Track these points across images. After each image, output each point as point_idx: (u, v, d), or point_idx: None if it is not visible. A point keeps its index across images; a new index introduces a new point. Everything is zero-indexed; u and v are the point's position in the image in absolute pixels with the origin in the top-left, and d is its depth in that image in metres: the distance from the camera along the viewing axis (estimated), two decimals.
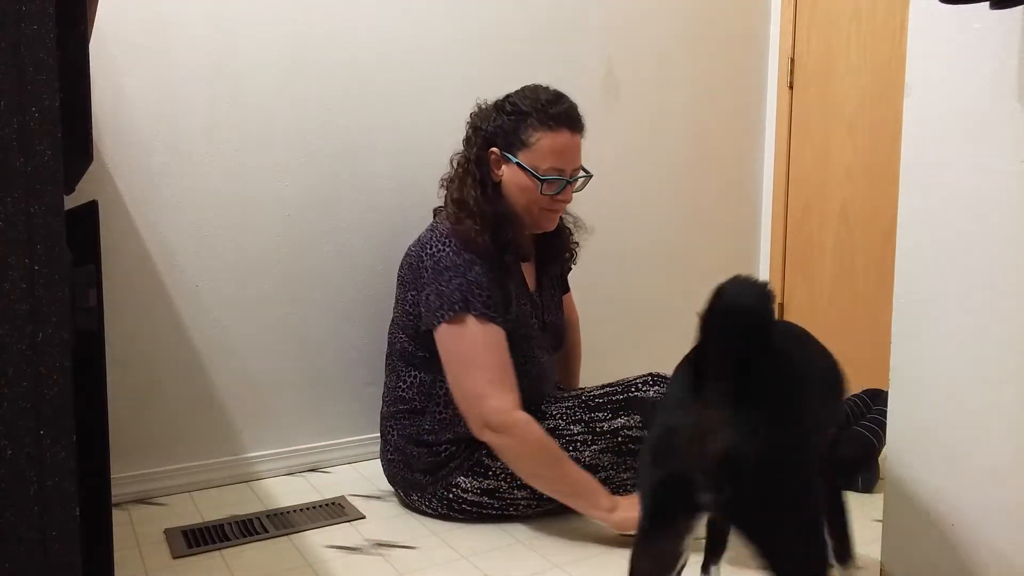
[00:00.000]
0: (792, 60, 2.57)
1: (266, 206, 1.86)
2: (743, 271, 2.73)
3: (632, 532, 1.48)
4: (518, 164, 1.59)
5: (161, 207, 1.75)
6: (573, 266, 1.90)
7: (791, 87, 2.58)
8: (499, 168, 1.63)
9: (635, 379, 1.69)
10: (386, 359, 1.75)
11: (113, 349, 1.71)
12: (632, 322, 2.45)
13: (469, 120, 1.69)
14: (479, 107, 1.69)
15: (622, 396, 1.65)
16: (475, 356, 1.52)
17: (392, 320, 1.73)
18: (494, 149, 1.63)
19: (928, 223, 1.24)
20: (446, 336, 1.54)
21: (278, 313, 1.89)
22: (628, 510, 1.48)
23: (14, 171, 0.65)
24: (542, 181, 1.58)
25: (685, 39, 2.46)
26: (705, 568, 1.30)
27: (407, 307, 1.65)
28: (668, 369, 1.79)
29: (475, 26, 2.09)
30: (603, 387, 1.69)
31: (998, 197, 1.14)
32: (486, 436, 1.53)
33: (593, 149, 2.32)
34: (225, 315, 1.84)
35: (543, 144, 1.58)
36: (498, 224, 1.59)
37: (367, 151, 1.95)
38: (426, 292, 1.58)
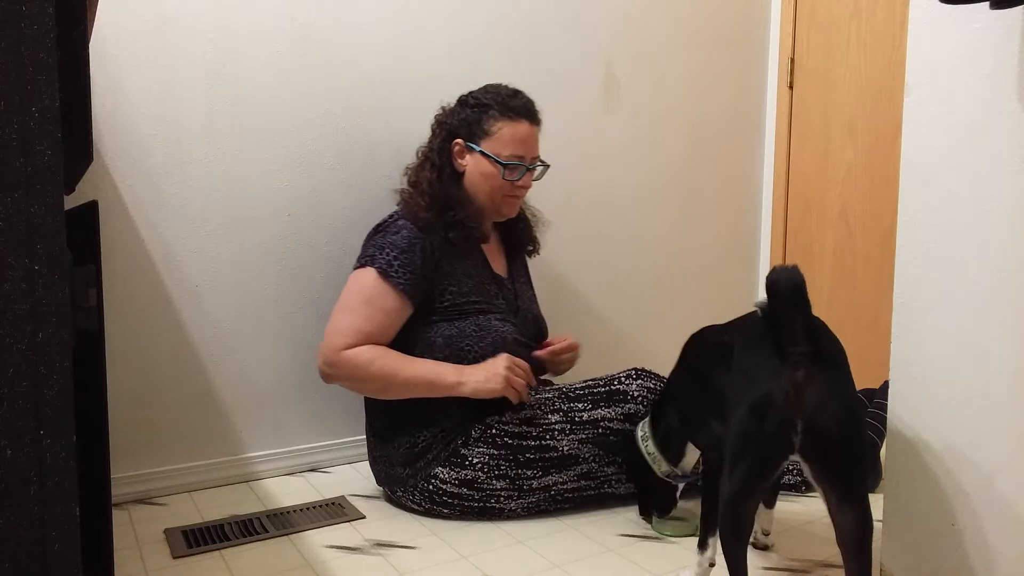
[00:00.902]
0: (792, 60, 2.57)
1: (266, 206, 1.86)
2: (743, 271, 2.75)
3: (492, 389, 1.55)
4: (481, 152, 1.69)
5: (161, 207, 1.75)
6: (536, 255, 1.96)
7: (791, 87, 2.58)
8: (463, 158, 1.72)
9: (618, 374, 1.71)
10: None
11: (113, 349, 1.71)
12: (632, 322, 2.45)
13: (434, 119, 1.78)
14: (443, 108, 1.78)
15: (604, 389, 1.68)
16: (354, 304, 1.61)
17: None
18: (459, 140, 1.72)
19: (928, 223, 1.24)
20: (348, 282, 1.66)
21: (278, 313, 1.89)
22: (475, 374, 1.56)
23: (14, 171, 0.65)
24: (504, 166, 1.68)
25: (685, 39, 2.46)
26: (703, 543, 1.31)
27: None
28: (666, 367, 1.80)
29: (475, 26, 2.09)
30: (585, 381, 1.71)
31: (998, 197, 1.14)
32: (319, 366, 1.62)
33: (593, 149, 2.33)
34: (225, 315, 1.84)
35: (504, 133, 1.68)
36: (446, 204, 1.68)
37: (367, 151, 1.95)
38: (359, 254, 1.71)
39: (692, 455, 1.49)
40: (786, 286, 1.04)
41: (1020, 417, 1.14)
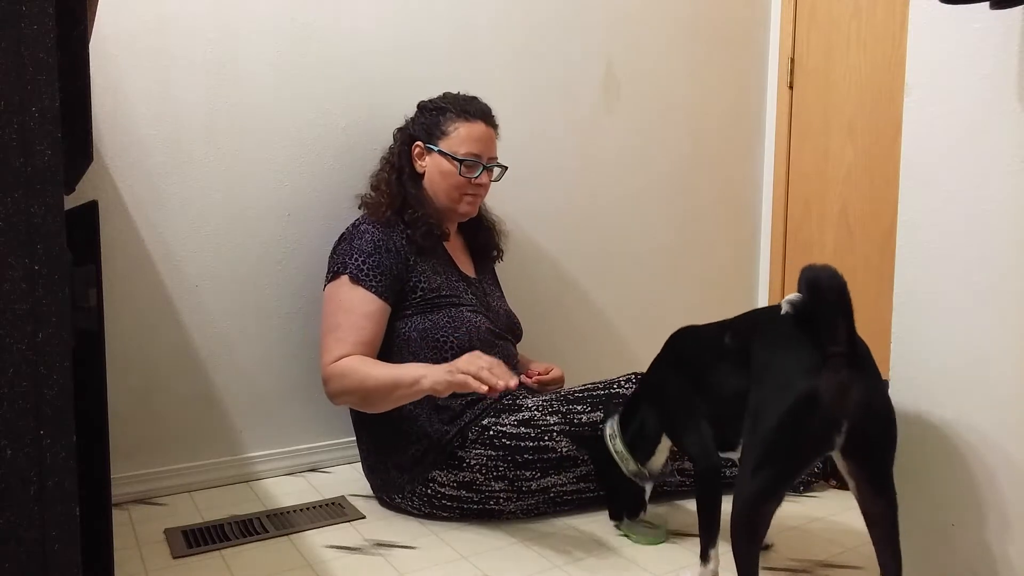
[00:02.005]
0: (792, 60, 2.56)
1: (266, 206, 1.86)
2: (743, 271, 2.75)
3: (450, 382, 1.43)
4: (439, 151, 1.75)
5: (161, 207, 1.75)
6: (500, 262, 1.99)
7: (791, 87, 2.58)
8: (423, 160, 1.78)
9: (617, 378, 1.72)
10: None
11: (113, 349, 1.71)
12: (632, 323, 2.45)
13: (395, 130, 1.85)
14: (405, 119, 1.85)
15: (603, 392, 1.68)
16: (335, 317, 1.64)
17: None
18: (418, 143, 1.78)
19: (928, 223, 1.24)
20: (325, 296, 1.69)
21: (278, 313, 1.89)
22: (435, 369, 1.49)
23: (14, 171, 0.65)
24: (460, 162, 1.73)
25: (685, 39, 2.46)
26: (704, 555, 1.30)
27: None
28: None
29: (475, 26, 2.09)
30: (584, 385, 1.71)
31: (998, 197, 1.14)
32: (326, 393, 1.63)
33: (593, 149, 2.33)
34: (225, 315, 1.84)
35: (460, 132, 1.74)
36: (405, 202, 1.74)
37: (367, 151, 1.95)
38: (328, 267, 1.73)
39: (660, 455, 1.47)
40: (829, 287, 1.05)
41: (1020, 417, 1.14)
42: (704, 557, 1.30)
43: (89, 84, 0.91)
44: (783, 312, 1.15)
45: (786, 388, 1.08)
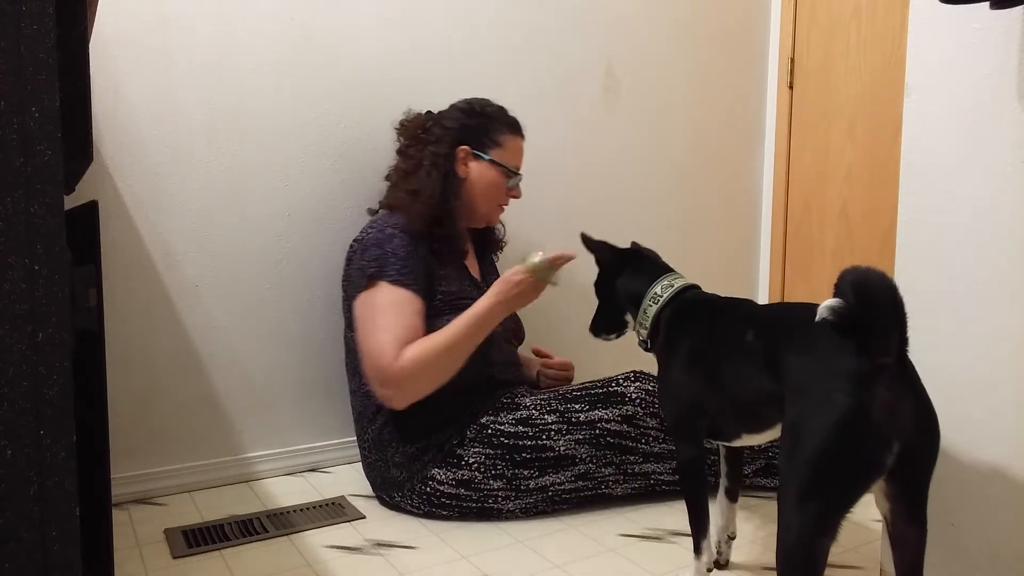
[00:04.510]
0: (792, 60, 2.56)
1: (266, 206, 1.86)
2: (743, 271, 2.74)
3: (521, 293, 1.56)
4: (491, 161, 1.74)
5: (161, 207, 1.75)
6: (499, 253, 2.00)
7: (791, 87, 2.58)
8: (467, 164, 1.74)
9: (616, 376, 1.72)
10: (345, 363, 1.78)
11: (113, 349, 1.71)
12: None
13: (437, 124, 1.76)
14: (421, 114, 1.81)
15: (601, 390, 1.68)
16: (381, 318, 1.59)
17: (346, 323, 1.74)
18: (464, 147, 1.73)
19: (928, 223, 1.24)
20: (360, 305, 1.63)
21: (278, 313, 1.89)
22: (499, 294, 1.58)
23: (14, 171, 0.65)
24: (514, 175, 1.77)
25: (685, 39, 2.46)
26: (697, 548, 1.31)
27: (350, 304, 1.70)
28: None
29: (476, 27, 2.09)
30: (583, 383, 1.71)
31: (998, 196, 1.14)
32: (382, 393, 1.58)
33: (593, 149, 2.33)
34: (225, 315, 1.84)
35: (511, 145, 1.77)
36: (438, 219, 1.69)
37: (367, 151, 1.95)
38: (351, 273, 1.69)
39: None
40: (882, 289, 0.95)
41: (1020, 417, 1.14)
42: (697, 551, 1.30)
43: (89, 84, 0.91)
44: (820, 319, 1.01)
45: (831, 403, 0.96)
